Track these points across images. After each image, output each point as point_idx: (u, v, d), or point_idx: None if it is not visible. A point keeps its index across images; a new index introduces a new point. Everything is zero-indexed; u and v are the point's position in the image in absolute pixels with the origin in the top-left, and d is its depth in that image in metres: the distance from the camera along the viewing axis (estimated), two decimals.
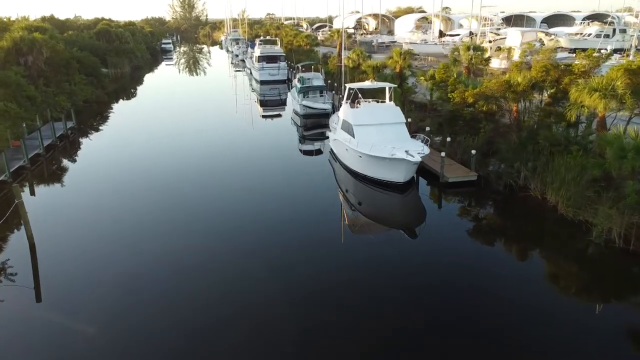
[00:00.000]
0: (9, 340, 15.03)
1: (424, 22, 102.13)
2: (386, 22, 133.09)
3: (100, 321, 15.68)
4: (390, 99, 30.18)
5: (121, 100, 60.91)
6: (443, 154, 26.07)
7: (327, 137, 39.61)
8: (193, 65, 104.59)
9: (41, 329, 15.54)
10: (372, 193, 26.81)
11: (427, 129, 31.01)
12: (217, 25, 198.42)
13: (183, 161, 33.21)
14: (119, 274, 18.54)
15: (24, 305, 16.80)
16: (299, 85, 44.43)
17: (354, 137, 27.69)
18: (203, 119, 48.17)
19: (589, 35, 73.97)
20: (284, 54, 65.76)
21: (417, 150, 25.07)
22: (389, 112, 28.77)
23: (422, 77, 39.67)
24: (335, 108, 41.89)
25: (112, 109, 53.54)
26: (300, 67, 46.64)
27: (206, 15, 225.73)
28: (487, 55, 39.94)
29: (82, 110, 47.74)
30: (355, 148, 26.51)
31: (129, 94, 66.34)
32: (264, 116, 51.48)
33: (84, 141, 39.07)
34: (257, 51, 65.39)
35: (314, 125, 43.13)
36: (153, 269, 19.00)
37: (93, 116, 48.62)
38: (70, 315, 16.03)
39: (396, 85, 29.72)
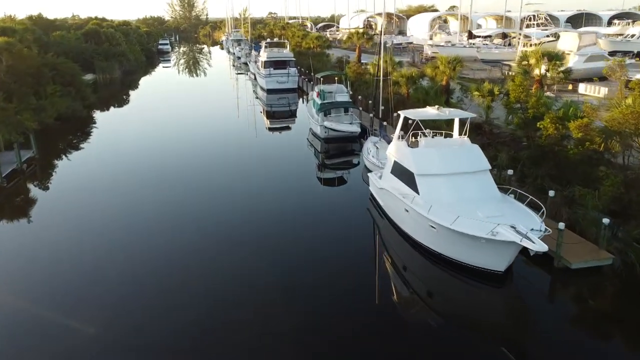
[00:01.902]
0: None
1: (438, 21, 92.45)
2: (396, 21, 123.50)
3: None
4: (464, 133, 20.70)
5: (106, 111, 51.35)
6: (561, 225, 16.63)
7: (355, 165, 30.72)
8: (192, 69, 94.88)
9: None
10: (448, 280, 17.42)
11: (510, 172, 21.54)
12: (217, 25, 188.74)
13: (177, 194, 25.38)
14: None
15: None
16: (318, 101, 34.90)
17: (417, 192, 18.34)
18: (199, 135, 39.59)
19: (632, 36, 64.54)
20: (294, 59, 56.12)
21: (529, 223, 15.66)
22: (467, 154, 19.37)
23: (476, 93, 30.41)
24: (368, 132, 32.42)
25: (94, 124, 44.00)
26: (320, 79, 37.08)
27: (206, 15, 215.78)
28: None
29: (52, 131, 38.19)
30: (424, 214, 17.14)
31: (117, 104, 56.93)
32: (270, 129, 43.27)
33: (47, 179, 29.46)
34: (264, 55, 55.72)
35: (339, 152, 33.78)
36: None
37: (65, 137, 39.08)
38: None
39: (474, 115, 20.33)
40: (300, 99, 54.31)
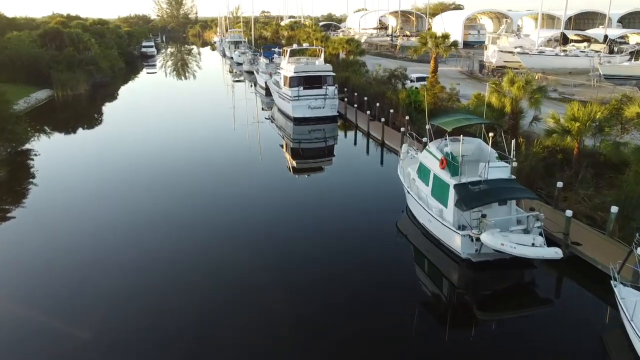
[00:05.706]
0: None
1: (506, 21, 74.06)
2: (411, 20, 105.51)
3: None
4: None
5: (56, 152, 31.94)
6: None
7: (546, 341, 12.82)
8: (182, 76, 75.04)
9: None
10: None
11: None
12: (208, 24, 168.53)
13: None
14: None
15: None
16: (449, 181, 16.34)
17: None
18: (194, 181, 21.73)
19: None
20: (333, 73, 37.27)
21: None
22: None
23: None
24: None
25: (26, 186, 25.04)
26: (445, 132, 17.92)
27: (196, 13, 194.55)
28: None
29: None
30: None
31: (77, 131, 38.14)
32: (296, 170, 27.40)
33: None
34: (288, 68, 36.65)
35: (502, 289, 15.54)
36: None
37: None
38: None
39: None
40: (343, 132, 35.89)
